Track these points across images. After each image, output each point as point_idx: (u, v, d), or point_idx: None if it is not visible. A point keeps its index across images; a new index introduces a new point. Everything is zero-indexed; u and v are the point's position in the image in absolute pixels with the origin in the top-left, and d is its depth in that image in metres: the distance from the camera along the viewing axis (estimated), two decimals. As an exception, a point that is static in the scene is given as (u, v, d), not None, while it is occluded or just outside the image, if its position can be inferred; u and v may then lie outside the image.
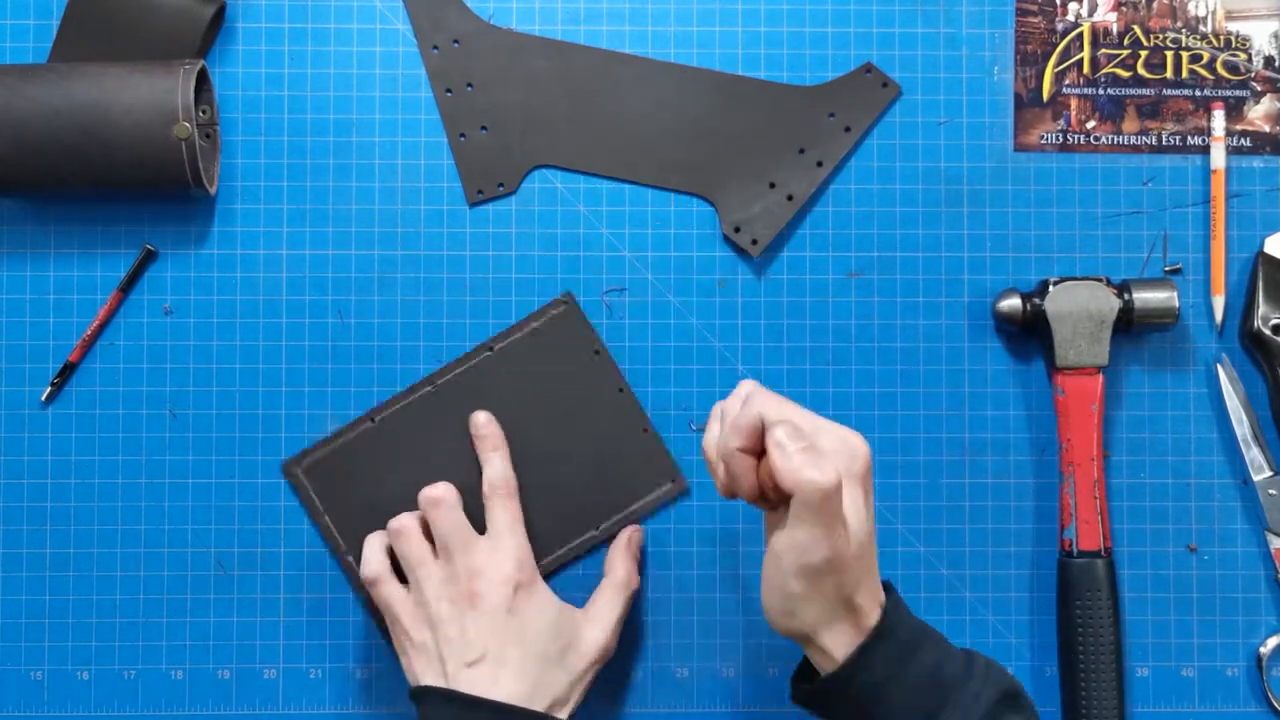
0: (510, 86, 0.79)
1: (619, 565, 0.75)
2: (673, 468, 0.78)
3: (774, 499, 0.62)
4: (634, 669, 0.78)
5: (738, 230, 0.78)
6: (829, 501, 0.58)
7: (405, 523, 0.72)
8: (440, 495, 0.72)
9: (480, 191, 0.79)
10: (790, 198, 0.78)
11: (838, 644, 0.62)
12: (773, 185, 0.79)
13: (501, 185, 0.79)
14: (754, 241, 0.78)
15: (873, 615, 0.62)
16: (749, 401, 0.61)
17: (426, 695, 0.68)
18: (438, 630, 0.69)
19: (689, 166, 0.79)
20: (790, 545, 0.60)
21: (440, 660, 0.69)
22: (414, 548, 0.71)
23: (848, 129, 0.79)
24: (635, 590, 0.75)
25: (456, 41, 0.79)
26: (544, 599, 0.71)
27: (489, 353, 0.78)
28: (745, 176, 0.79)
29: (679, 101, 0.79)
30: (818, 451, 0.59)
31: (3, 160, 0.72)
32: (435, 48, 0.79)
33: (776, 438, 0.59)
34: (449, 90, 0.79)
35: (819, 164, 0.79)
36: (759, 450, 0.61)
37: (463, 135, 0.78)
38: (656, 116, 0.79)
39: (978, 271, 0.79)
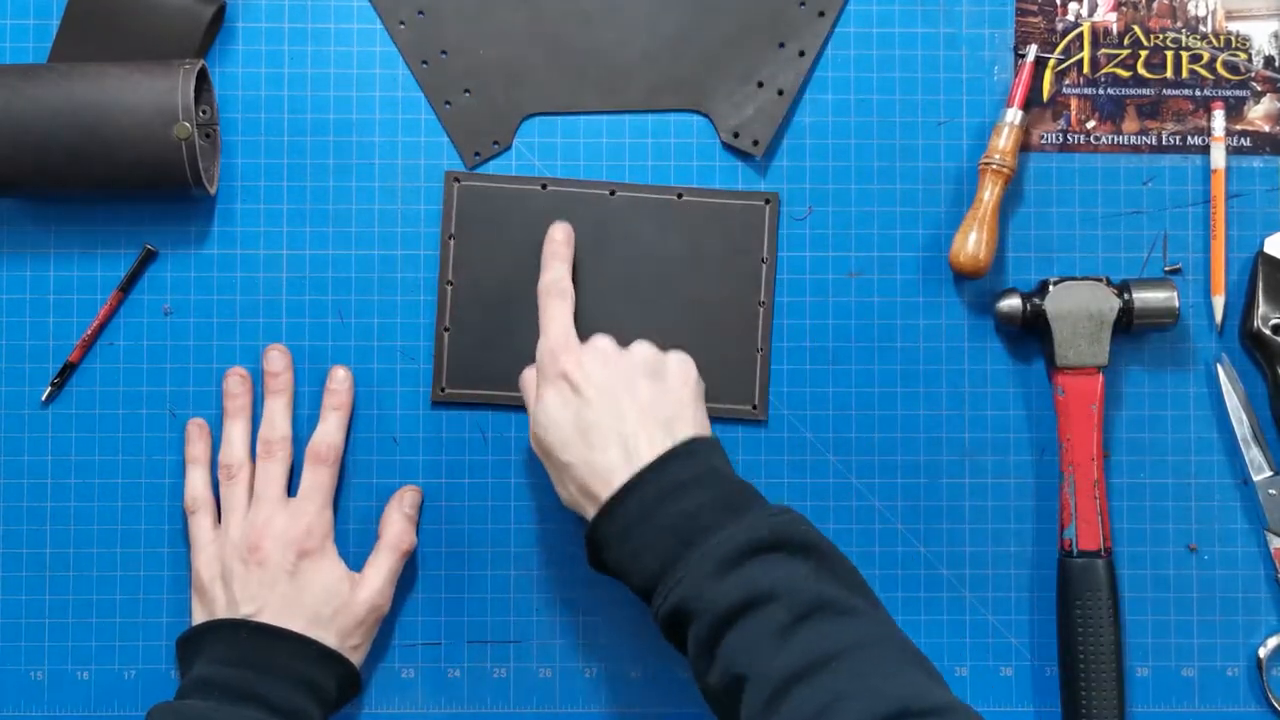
0: (485, 45, 0.79)
1: (392, 525, 0.76)
2: (763, 398, 0.78)
3: None
4: (633, 669, 0.78)
5: (736, 136, 0.79)
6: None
7: (236, 464, 0.75)
8: (275, 445, 0.75)
9: (477, 153, 0.79)
10: (780, 93, 0.79)
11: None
12: (761, 84, 0.79)
13: (496, 143, 0.79)
14: (755, 143, 0.78)
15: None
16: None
17: (209, 629, 0.71)
18: (229, 580, 0.72)
19: (675, 83, 0.79)
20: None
21: (225, 609, 0.72)
22: (236, 495, 0.74)
23: (821, 14, 0.79)
24: (409, 549, 0.76)
25: (421, 13, 0.79)
26: (328, 565, 0.73)
27: (675, 197, 0.78)
28: (732, 80, 0.79)
29: (652, 21, 0.79)
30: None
31: (3, 160, 0.72)
32: (401, 23, 0.79)
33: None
34: (425, 62, 0.79)
35: (801, 54, 0.79)
36: None
37: (448, 103, 0.78)
38: (633, 41, 0.79)
39: (978, 271, 0.79)
